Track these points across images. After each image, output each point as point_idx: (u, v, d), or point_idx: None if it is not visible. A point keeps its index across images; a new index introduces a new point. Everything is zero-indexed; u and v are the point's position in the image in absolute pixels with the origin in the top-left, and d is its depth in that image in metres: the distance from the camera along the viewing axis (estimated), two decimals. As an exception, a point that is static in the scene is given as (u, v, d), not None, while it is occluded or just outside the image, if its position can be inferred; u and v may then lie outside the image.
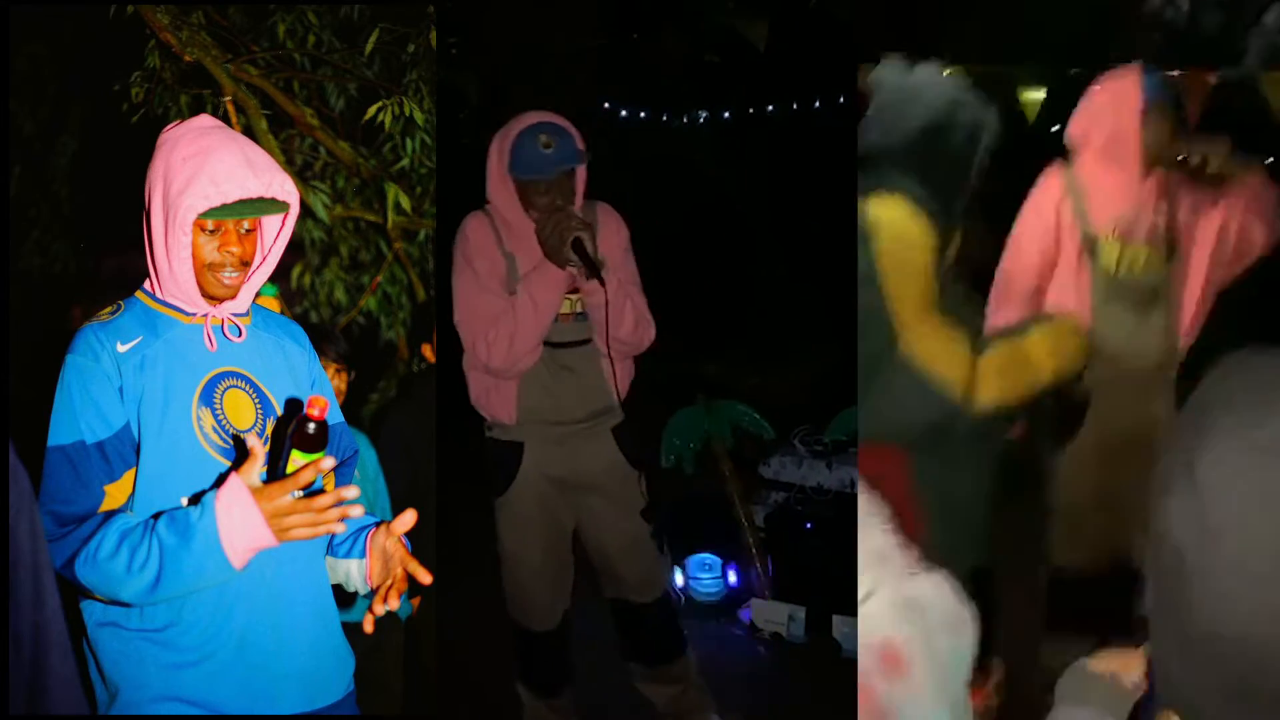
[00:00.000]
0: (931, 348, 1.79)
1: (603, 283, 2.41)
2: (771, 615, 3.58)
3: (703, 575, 3.82)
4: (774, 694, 3.23)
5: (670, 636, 2.79)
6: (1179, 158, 2.45)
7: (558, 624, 2.69)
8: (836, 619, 3.44)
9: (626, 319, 2.50)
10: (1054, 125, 2.86)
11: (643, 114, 7.41)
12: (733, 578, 3.83)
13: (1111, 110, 2.49)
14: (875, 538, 0.86)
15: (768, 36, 4.54)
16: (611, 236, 2.57)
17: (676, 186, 8.43)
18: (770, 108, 7.62)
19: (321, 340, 2.34)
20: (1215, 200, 2.51)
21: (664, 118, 7.63)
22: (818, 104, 7.38)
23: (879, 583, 0.83)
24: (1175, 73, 2.52)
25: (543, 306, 2.44)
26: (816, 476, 3.92)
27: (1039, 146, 2.64)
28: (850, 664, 1.83)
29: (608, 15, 5.99)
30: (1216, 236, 2.52)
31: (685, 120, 7.78)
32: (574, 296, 2.53)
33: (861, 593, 0.83)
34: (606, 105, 7.06)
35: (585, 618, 2.82)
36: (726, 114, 7.77)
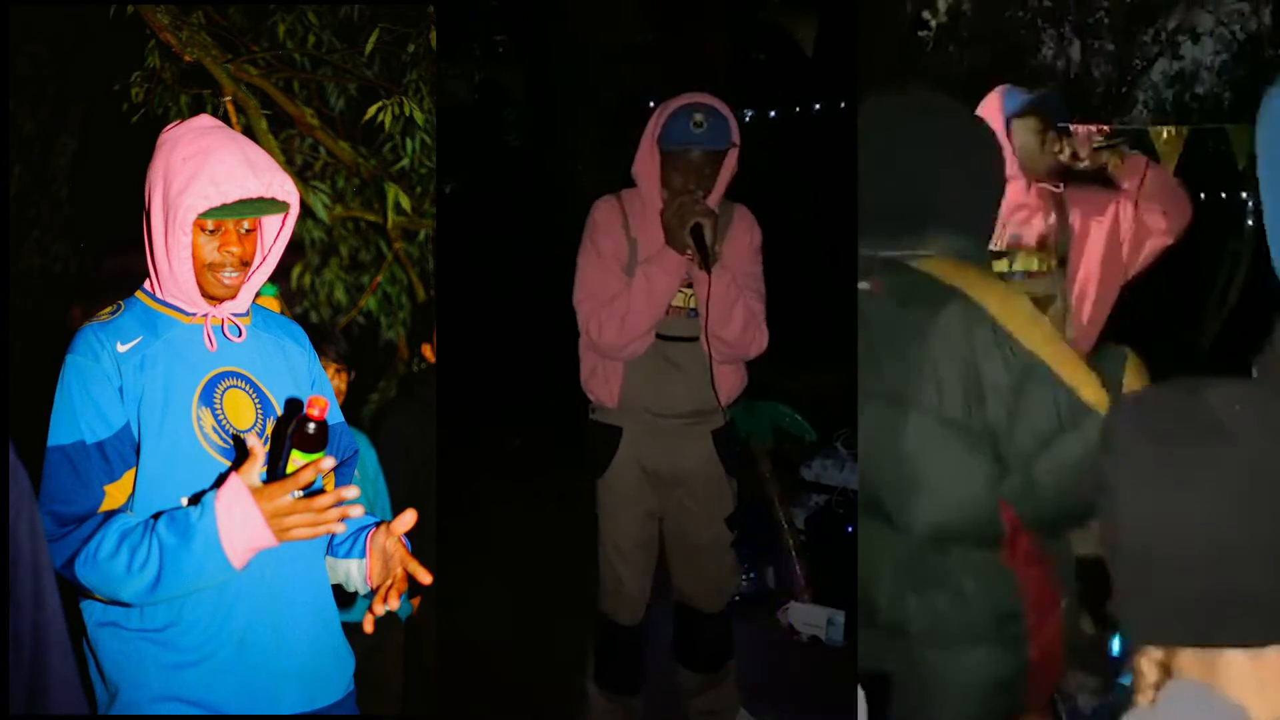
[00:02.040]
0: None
1: (708, 274, 2.39)
2: (810, 618, 3.55)
3: (741, 577, 3.80)
4: (811, 698, 3.17)
5: (725, 645, 2.79)
6: (1053, 158, 2.54)
7: (643, 618, 2.69)
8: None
9: (735, 319, 2.47)
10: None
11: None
12: (771, 579, 3.81)
13: None
14: None
15: (816, 35, 4.52)
16: (742, 237, 2.57)
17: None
18: (817, 106, 7.57)
19: (321, 340, 2.34)
20: (1107, 199, 2.59)
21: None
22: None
23: None
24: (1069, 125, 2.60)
25: (657, 290, 2.44)
26: (858, 479, 3.89)
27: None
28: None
29: (654, 13, 5.96)
30: (1108, 236, 2.58)
31: (731, 119, 7.78)
32: (688, 291, 2.51)
33: None
34: (651, 104, 7.05)
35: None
36: (773, 113, 7.72)
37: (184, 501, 1.49)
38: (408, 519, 1.53)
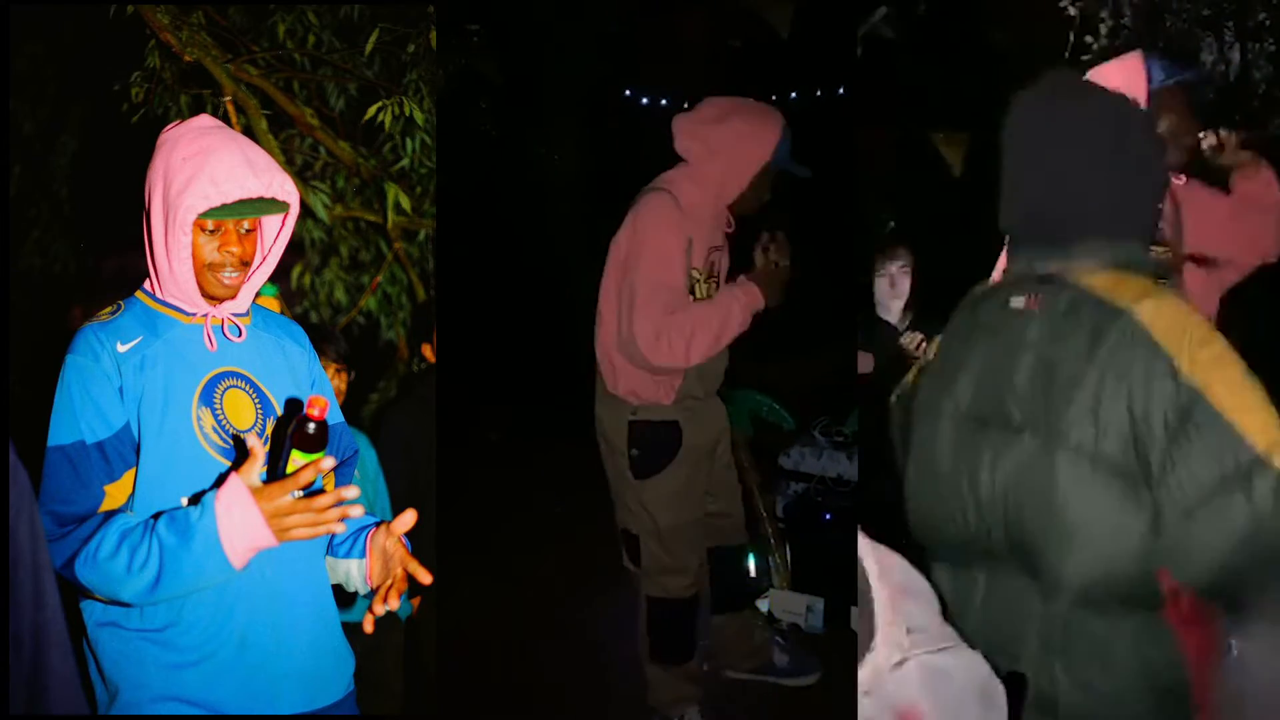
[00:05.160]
0: None
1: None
2: (790, 606, 3.58)
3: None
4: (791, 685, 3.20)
5: (750, 578, 3.18)
6: (1196, 142, 2.23)
7: (697, 587, 2.84)
8: (855, 611, 3.42)
9: None
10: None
11: (664, 101, 7.29)
12: (751, 568, 3.82)
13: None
14: (913, 611, 0.91)
15: (792, 21, 4.51)
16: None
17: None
18: (794, 95, 7.52)
19: (321, 340, 2.34)
20: (1219, 203, 2.31)
21: (685, 105, 7.62)
22: (842, 91, 7.28)
23: (911, 652, 0.88)
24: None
25: (733, 324, 2.62)
26: (837, 468, 3.89)
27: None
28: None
29: (629, 1, 5.92)
30: (1218, 244, 2.29)
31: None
32: (713, 282, 2.72)
33: (894, 658, 0.88)
34: (628, 93, 6.99)
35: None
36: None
37: (184, 501, 1.49)
38: (407, 519, 1.53)
